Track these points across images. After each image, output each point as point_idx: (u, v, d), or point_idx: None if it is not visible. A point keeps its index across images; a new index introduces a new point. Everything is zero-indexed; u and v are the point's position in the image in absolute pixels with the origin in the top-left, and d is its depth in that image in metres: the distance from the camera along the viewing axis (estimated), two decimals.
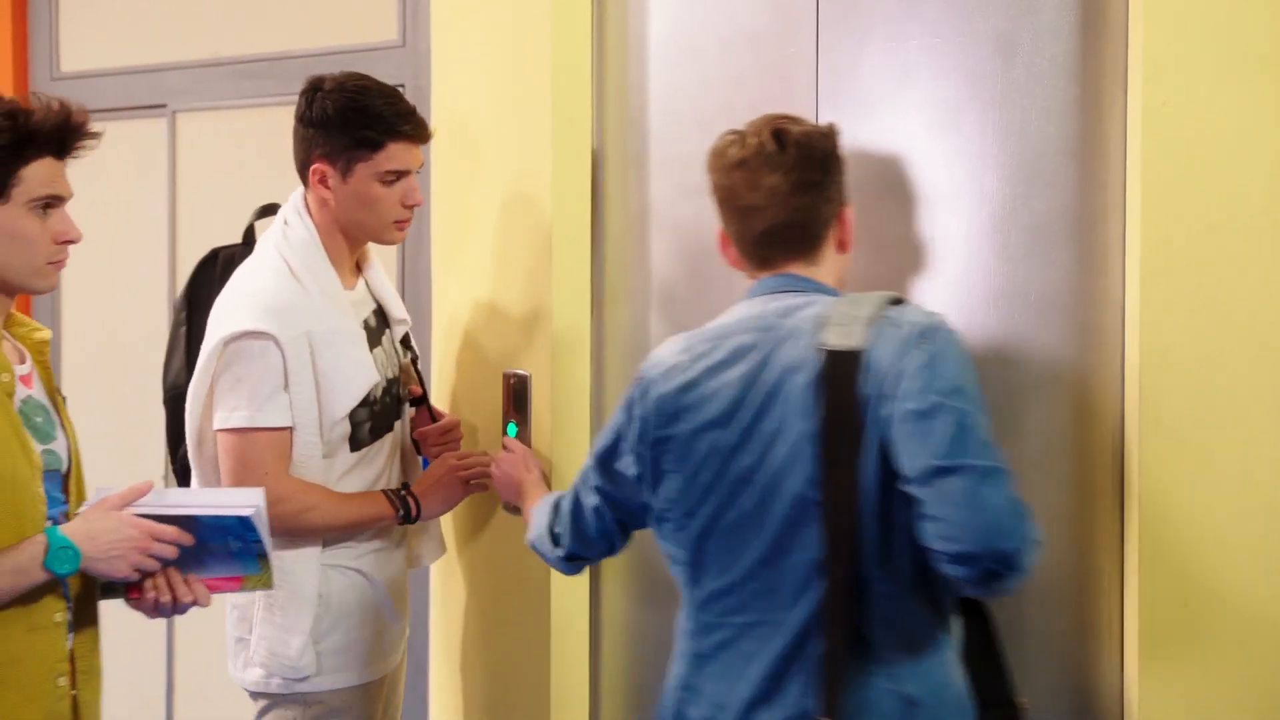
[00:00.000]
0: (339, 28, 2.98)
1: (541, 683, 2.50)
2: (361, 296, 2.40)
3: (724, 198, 1.88)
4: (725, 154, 1.86)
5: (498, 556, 2.61)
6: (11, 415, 1.87)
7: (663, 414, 1.82)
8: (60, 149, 1.90)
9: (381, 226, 2.32)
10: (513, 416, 2.50)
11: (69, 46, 3.48)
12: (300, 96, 2.30)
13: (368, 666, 2.36)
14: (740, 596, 1.77)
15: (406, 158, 2.28)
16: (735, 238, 1.89)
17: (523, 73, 2.52)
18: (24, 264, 1.88)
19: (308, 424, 2.24)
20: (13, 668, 1.83)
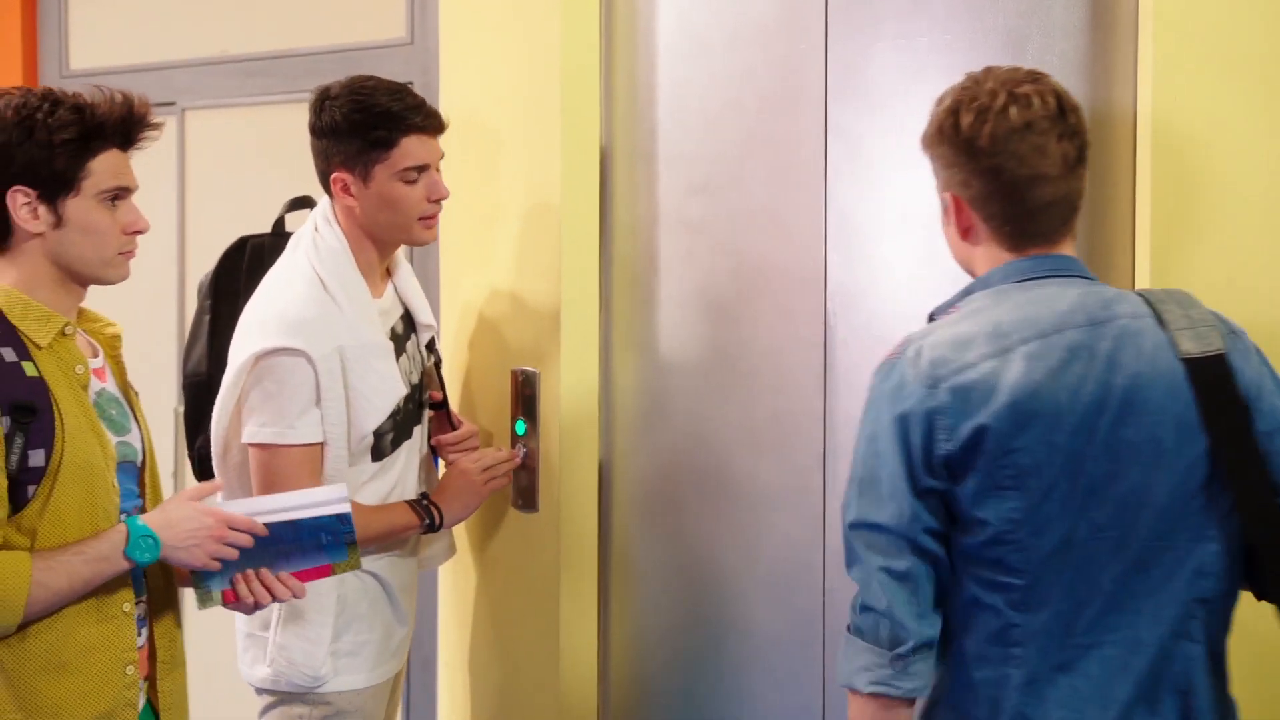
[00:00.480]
0: (347, 25, 2.98)
1: (549, 683, 2.50)
2: (390, 304, 2.38)
3: (995, 164, 1.64)
4: (1005, 114, 1.64)
5: (506, 556, 2.61)
6: (87, 406, 1.90)
7: (1007, 424, 1.58)
8: (125, 140, 1.93)
9: (409, 225, 2.29)
10: (521, 414, 2.50)
11: (78, 44, 3.49)
12: (310, 109, 2.28)
13: (376, 668, 2.36)
14: (1091, 616, 1.61)
15: (423, 152, 2.26)
16: (1000, 210, 1.67)
17: (531, 70, 2.52)
18: (95, 255, 1.92)
19: (338, 438, 2.24)
20: (84, 656, 1.87)
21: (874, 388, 1.67)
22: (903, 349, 1.65)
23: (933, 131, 1.71)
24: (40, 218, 1.87)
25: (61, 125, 1.85)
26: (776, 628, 2.37)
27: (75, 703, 1.86)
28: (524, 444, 2.50)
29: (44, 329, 1.88)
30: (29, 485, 1.82)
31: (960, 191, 1.69)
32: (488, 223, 2.66)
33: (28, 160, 1.85)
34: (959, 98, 1.68)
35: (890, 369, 1.65)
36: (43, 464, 1.82)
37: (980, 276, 1.71)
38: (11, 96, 1.88)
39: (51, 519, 1.83)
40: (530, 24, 2.53)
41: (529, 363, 2.51)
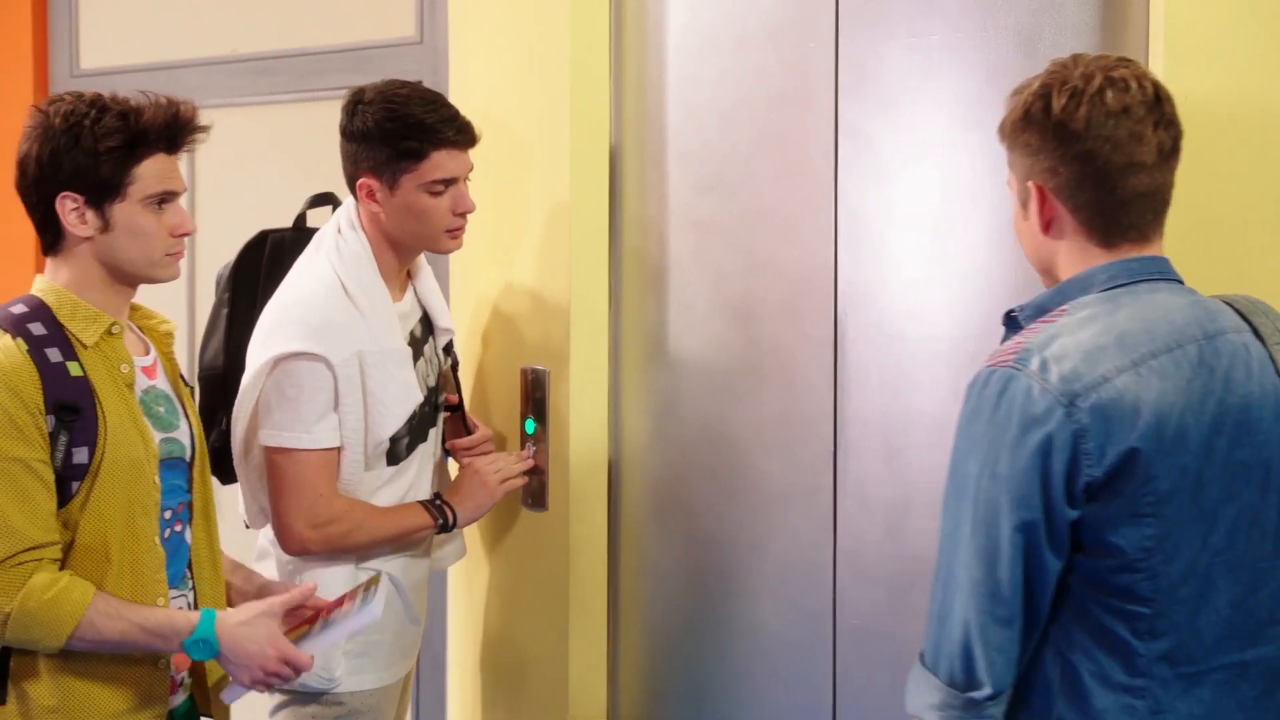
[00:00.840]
0: (357, 24, 2.98)
1: (559, 681, 2.50)
2: (409, 307, 2.37)
3: (1088, 150, 1.55)
4: (1100, 97, 1.54)
5: (516, 555, 2.61)
6: (132, 404, 1.94)
7: (1153, 446, 1.48)
8: (171, 145, 1.96)
9: (434, 236, 2.28)
10: (531, 413, 2.50)
11: (88, 44, 3.50)
12: (342, 110, 2.27)
13: (388, 669, 2.36)
14: (1209, 643, 1.54)
15: (452, 165, 2.24)
16: (1090, 199, 1.57)
17: (541, 68, 2.52)
18: (142, 257, 1.95)
19: (355, 444, 2.24)
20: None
21: (980, 402, 1.52)
22: (1016, 359, 1.50)
23: (1017, 116, 1.60)
24: (88, 222, 1.91)
25: (107, 132, 1.89)
26: (786, 627, 2.37)
27: (109, 694, 1.91)
28: (533, 443, 2.50)
29: (91, 328, 1.92)
30: (73, 481, 1.87)
31: (1046, 180, 1.59)
32: (498, 221, 2.65)
33: (75, 167, 1.89)
34: (1048, 80, 1.58)
35: (1005, 382, 1.50)
36: (86, 461, 1.87)
37: (1077, 277, 1.59)
38: (62, 103, 1.92)
39: (92, 513, 1.88)
40: (540, 22, 2.53)
41: (539, 361, 2.51)
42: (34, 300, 1.93)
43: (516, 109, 2.63)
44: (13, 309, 1.91)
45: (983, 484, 1.50)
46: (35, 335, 1.87)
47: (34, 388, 1.84)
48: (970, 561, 1.51)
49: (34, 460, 1.83)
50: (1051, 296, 1.61)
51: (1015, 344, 1.53)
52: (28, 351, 1.85)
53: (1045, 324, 1.55)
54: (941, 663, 1.52)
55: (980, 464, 1.50)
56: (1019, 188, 1.63)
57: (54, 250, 1.96)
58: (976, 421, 1.52)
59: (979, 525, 1.50)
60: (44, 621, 1.83)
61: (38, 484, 1.84)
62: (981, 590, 1.50)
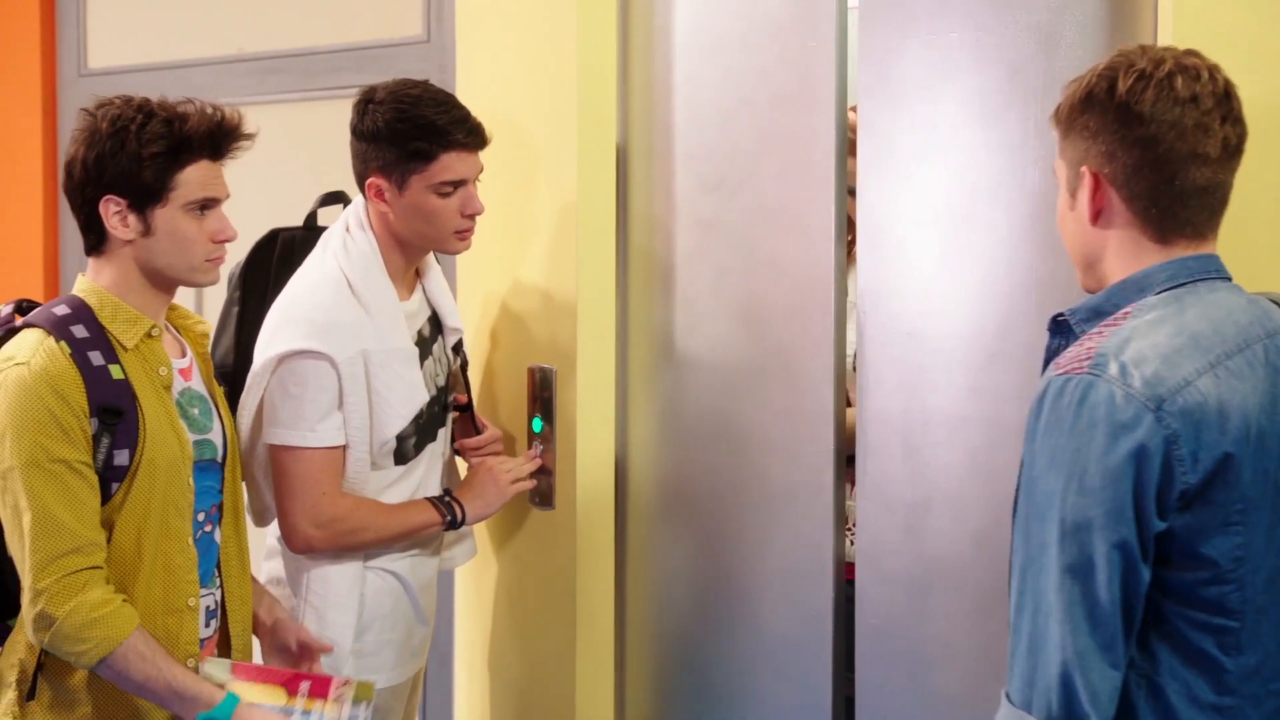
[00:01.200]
0: (364, 23, 2.99)
1: (566, 680, 2.50)
2: (417, 306, 2.37)
3: (1151, 135, 1.48)
4: (1170, 82, 1.48)
5: (523, 553, 2.61)
6: (169, 407, 1.98)
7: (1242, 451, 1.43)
8: (215, 151, 1.98)
9: (442, 238, 2.28)
10: (538, 411, 2.51)
11: (96, 43, 3.50)
12: (353, 109, 2.27)
13: (396, 669, 2.36)
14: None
15: (462, 167, 2.24)
16: (1147, 189, 1.50)
17: (548, 67, 2.52)
18: (182, 262, 1.98)
19: (360, 442, 2.24)
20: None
21: (1056, 413, 1.43)
22: (1092, 365, 1.42)
23: (1078, 98, 1.53)
24: (130, 226, 1.94)
25: (151, 138, 1.91)
26: (790, 627, 2.37)
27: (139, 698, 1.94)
28: (540, 441, 2.50)
29: (131, 331, 1.95)
30: (112, 483, 1.90)
31: (1101, 166, 1.51)
32: (505, 220, 2.66)
33: (119, 171, 1.92)
34: (1114, 63, 1.50)
35: (1084, 390, 1.41)
36: (126, 463, 1.91)
37: (1133, 277, 1.52)
38: (110, 107, 1.96)
39: (128, 514, 1.92)
40: (547, 21, 2.53)
41: (546, 360, 2.51)
42: (76, 301, 1.95)
43: (524, 108, 2.63)
44: (55, 310, 1.94)
45: (1069, 500, 1.40)
46: (78, 338, 1.90)
47: (78, 391, 1.86)
48: (1063, 584, 1.40)
49: (78, 462, 1.86)
50: (1107, 298, 1.53)
51: (1086, 349, 1.44)
52: (70, 355, 1.88)
53: (1110, 327, 1.47)
54: (1037, 699, 1.41)
55: (1065, 479, 1.40)
56: (1068, 175, 1.56)
57: (96, 251, 1.98)
58: (1055, 434, 1.42)
59: (1069, 544, 1.40)
60: (86, 638, 1.85)
61: (83, 484, 1.87)
62: (1079, 614, 1.40)
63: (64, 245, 3.57)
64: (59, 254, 3.58)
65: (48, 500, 1.84)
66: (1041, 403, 1.44)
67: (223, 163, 2.00)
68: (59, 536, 1.84)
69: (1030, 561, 1.44)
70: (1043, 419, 1.44)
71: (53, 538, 1.84)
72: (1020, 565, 1.45)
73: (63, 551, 1.84)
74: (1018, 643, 1.45)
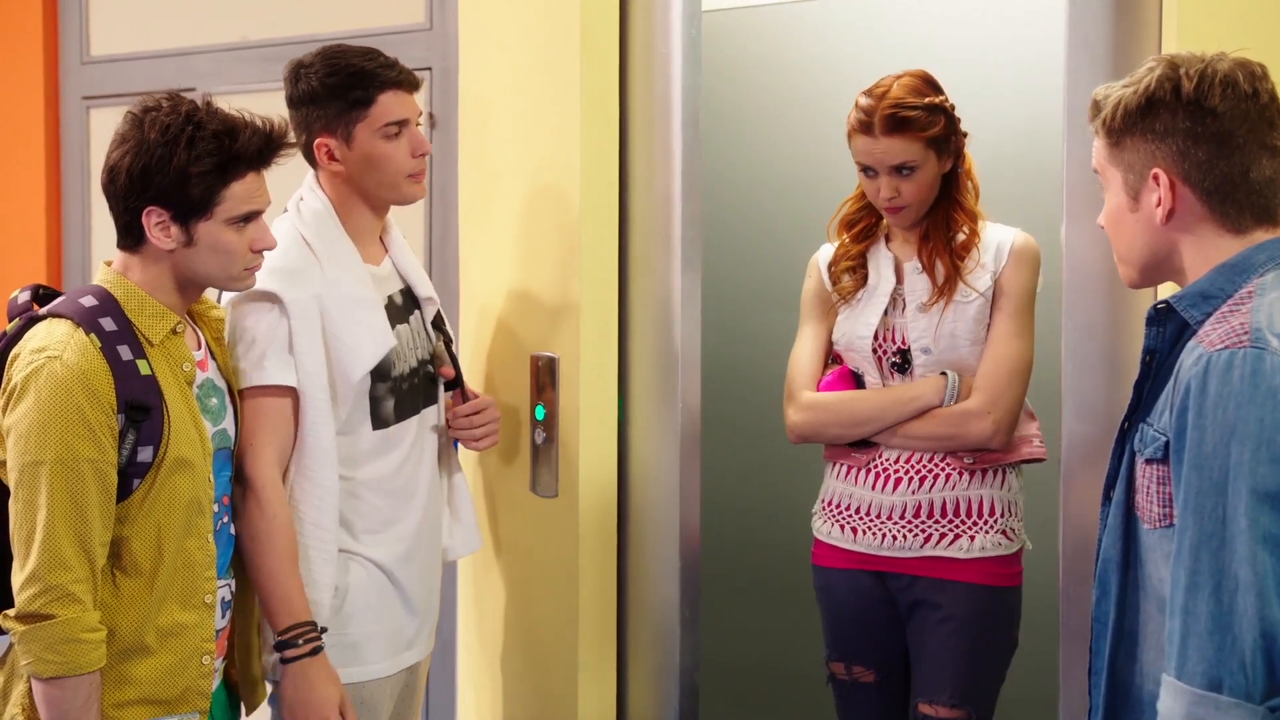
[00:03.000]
0: (365, 11, 2.98)
1: (569, 666, 2.51)
2: (387, 273, 2.36)
3: (1225, 129, 1.54)
4: (1234, 79, 1.54)
5: (525, 541, 2.62)
6: (192, 403, 1.98)
7: None
8: (262, 163, 1.98)
9: (397, 183, 2.28)
10: (540, 399, 2.51)
11: (99, 30, 3.50)
12: (285, 82, 2.29)
13: (382, 661, 2.31)
14: None
15: (401, 108, 2.26)
16: (1221, 182, 1.55)
17: (551, 56, 2.52)
18: (221, 272, 1.99)
19: (316, 388, 2.19)
20: (169, 639, 1.96)
21: (1227, 385, 1.44)
22: (1252, 338, 1.45)
23: (1135, 103, 1.57)
24: (171, 236, 1.93)
25: (202, 155, 1.90)
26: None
27: (152, 684, 1.94)
28: (543, 429, 2.50)
29: (157, 326, 1.95)
30: (134, 479, 1.90)
31: (1174, 165, 1.56)
32: (507, 209, 2.66)
33: (166, 185, 1.90)
34: (1167, 70, 1.56)
35: (1254, 362, 1.43)
36: (150, 459, 1.90)
37: (1233, 261, 1.55)
38: (158, 113, 1.92)
39: (149, 510, 1.92)
40: (550, 9, 2.52)
41: (548, 348, 2.51)
42: (102, 292, 1.94)
43: (526, 95, 2.62)
44: (82, 301, 1.92)
45: (1260, 470, 1.41)
46: (107, 331, 1.89)
47: (108, 388, 1.86)
48: (1256, 555, 1.40)
49: (102, 462, 1.86)
50: (1210, 282, 1.56)
51: (1238, 325, 1.47)
52: (101, 349, 1.87)
53: (1239, 306, 1.51)
54: (1231, 677, 1.40)
55: (1253, 449, 1.41)
56: (1129, 180, 1.60)
57: (131, 250, 1.97)
58: (1229, 406, 1.43)
59: (1263, 513, 1.40)
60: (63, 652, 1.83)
61: (102, 487, 1.86)
62: (1271, 585, 1.39)
63: (67, 234, 3.57)
64: (61, 243, 3.58)
65: (68, 500, 1.83)
66: (1206, 378, 1.45)
67: (265, 171, 2.00)
68: (75, 538, 1.83)
69: (1208, 537, 1.43)
70: (1210, 394, 1.45)
71: (69, 538, 1.83)
72: (1193, 543, 1.44)
73: (76, 554, 1.83)
74: (1191, 623, 1.44)
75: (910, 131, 2.30)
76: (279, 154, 2.00)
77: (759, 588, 3.33)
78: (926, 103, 2.32)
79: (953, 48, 3.07)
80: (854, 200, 2.48)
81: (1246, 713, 1.39)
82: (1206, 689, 1.41)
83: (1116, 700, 1.62)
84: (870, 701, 2.47)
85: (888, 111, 2.30)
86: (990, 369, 2.33)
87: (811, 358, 2.48)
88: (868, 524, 2.39)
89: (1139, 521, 1.60)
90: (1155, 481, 1.56)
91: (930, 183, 2.34)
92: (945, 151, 2.35)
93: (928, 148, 2.32)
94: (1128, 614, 1.62)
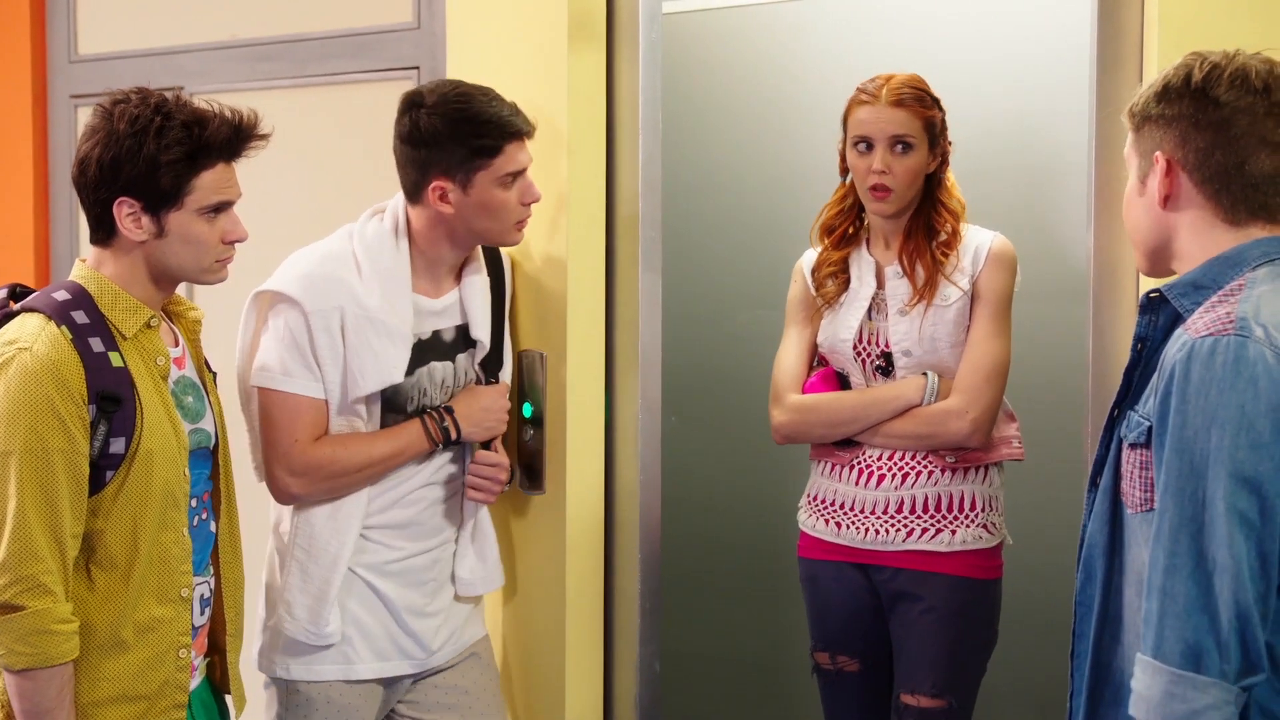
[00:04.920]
0: (354, 9, 2.98)
1: (556, 665, 2.52)
2: (444, 307, 2.33)
3: (1225, 119, 1.57)
4: (1244, 72, 1.57)
5: (514, 537, 2.62)
6: (166, 397, 1.98)
7: None
8: (233, 154, 1.98)
9: (505, 229, 2.28)
10: (528, 396, 2.52)
11: (87, 29, 3.50)
12: (401, 116, 2.25)
13: (361, 664, 2.30)
14: None
15: (523, 157, 2.26)
16: (1218, 171, 1.58)
17: (538, 52, 2.54)
18: (193, 263, 1.99)
19: (335, 398, 2.23)
20: (145, 634, 1.96)
21: (1210, 371, 1.46)
22: (1237, 327, 1.47)
23: (1155, 91, 1.62)
24: (143, 227, 1.94)
25: (170, 144, 1.90)
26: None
27: (129, 680, 1.95)
28: (530, 426, 2.52)
29: (131, 320, 1.95)
30: (107, 470, 1.90)
31: (1175, 150, 1.60)
32: None
33: (135, 175, 1.91)
34: (1188, 61, 1.61)
35: (1237, 350, 1.46)
36: (122, 451, 1.90)
37: (1226, 254, 1.58)
38: (127, 106, 1.93)
39: (124, 502, 1.92)
40: (538, 8, 2.54)
41: (536, 345, 2.52)
42: (76, 287, 1.95)
43: (514, 94, 2.63)
44: (55, 296, 1.93)
45: (1240, 455, 1.44)
46: (79, 324, 1.90)
47: (79, 378, 1.87)
48: (1234, 538, 1.43)
49: (72, 453, 1.86)
50: (1204, 273, 1.59)
51: (1224, 314, 1.50)
52: (72, 341, 1.88)
53: (1230, 297, 1.53)
54: (1206, 657, 1.43)
55: (1233, 434, 1.44)
56: (1140, 163, 1.65)
57: (104, 244, 1.98)
58: (1211, 392, 1.45)
59: (1241, 497, 1.43)
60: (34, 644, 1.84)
61: (74, 477, 1.86)
62: (1250, 568, 1.43)
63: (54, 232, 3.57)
64: (50, 241, 3.58)
65: (38, 490, 1.83)
66: (1189, 364, 1.48)
67: (235, 164, 2.00)
68: (46, 529, 1.83)
69: (1187, 520, 1.46)
70: (1193, 379, 1.47)
71: (40, 528, 1.83)
72: (1172, 526, 1.47)
73: (48, 545, 1.84)
74: (1169, 604, 1.46)
75: (914, 106, 2.37)
76: (248, 145, 1.99)
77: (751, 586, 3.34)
78: (929, 91, 2.41)
79: (939, 49, 3.09)
80: (832, 205, 2.52)
81: (1223, 691, 1.42)
82: (1184, 668, 1.44)
83: (1100, 683, 1.65)
84: (854, 691, 2.51)
85: (896, 85, 2.38)
86: (968, 370, 2.36)
87: (796, 360, 2.51)
88: (852, 518, 2.43)
89: (1124, 507, 1.62)
90: (1138, 466, 1.59)
91: (917, 171, 2.38)
92: (935, 147, 2.40)
93: (924, 131, 2.37)
94: (1113, 598, 1.65)
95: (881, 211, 2.42)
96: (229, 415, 2.18)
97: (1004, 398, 2.40)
